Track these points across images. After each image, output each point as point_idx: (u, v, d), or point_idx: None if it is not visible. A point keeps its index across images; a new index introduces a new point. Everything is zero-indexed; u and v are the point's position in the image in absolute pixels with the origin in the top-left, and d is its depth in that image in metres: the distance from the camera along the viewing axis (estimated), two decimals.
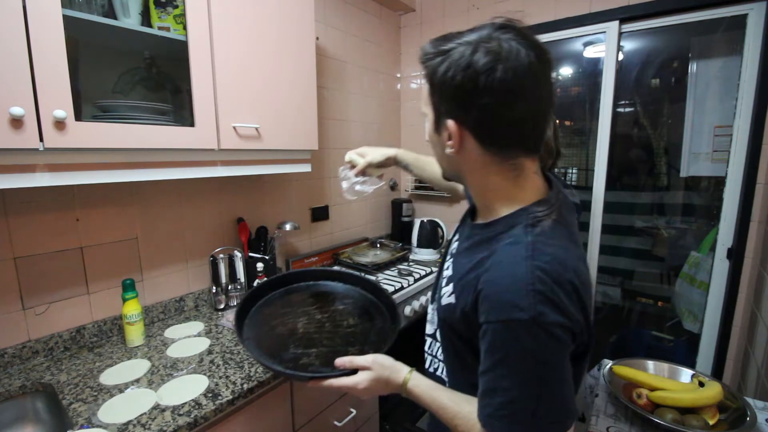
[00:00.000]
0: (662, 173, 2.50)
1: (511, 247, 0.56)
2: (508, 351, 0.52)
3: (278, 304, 0.89)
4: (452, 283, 0.65)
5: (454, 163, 0.63)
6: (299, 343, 0.77)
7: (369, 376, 0.67)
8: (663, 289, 2.49)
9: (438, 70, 0.56)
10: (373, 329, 0.84)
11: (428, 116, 0.62)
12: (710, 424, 0.93)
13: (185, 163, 1.14)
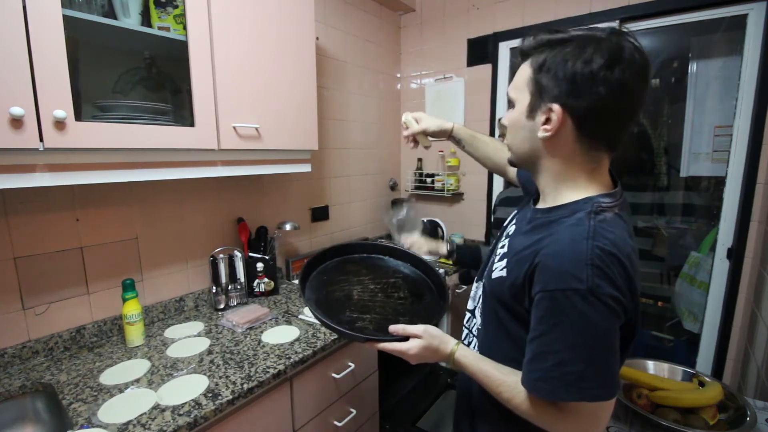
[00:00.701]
0: (662, 173, 2.50)
1: (573, 227, 0.60)
2: (562, 317, 0.56)
3: (335, 271, 0.94)
4: (506, 259, 0.69)
5: (536, 149, 0.66)
6: (355, 308, 0.83)
7: (420, 344, 0.72)
8: (663, 289, 2.49)
9: (556, 57, 0.60)
10: (422, 303, 0.89)
11: (519, 101, 0.66)
12: (710, 424, 0.93)
13: (185, 163, 1.14)
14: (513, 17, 2.06)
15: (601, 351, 0.56)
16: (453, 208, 2.43)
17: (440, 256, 1.10)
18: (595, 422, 0.60)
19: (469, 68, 2.24)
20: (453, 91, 2.30)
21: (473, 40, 2.20)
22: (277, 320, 1.40)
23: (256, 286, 1.60)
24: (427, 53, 2.40)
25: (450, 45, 2.29)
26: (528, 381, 0.60)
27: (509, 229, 0.78)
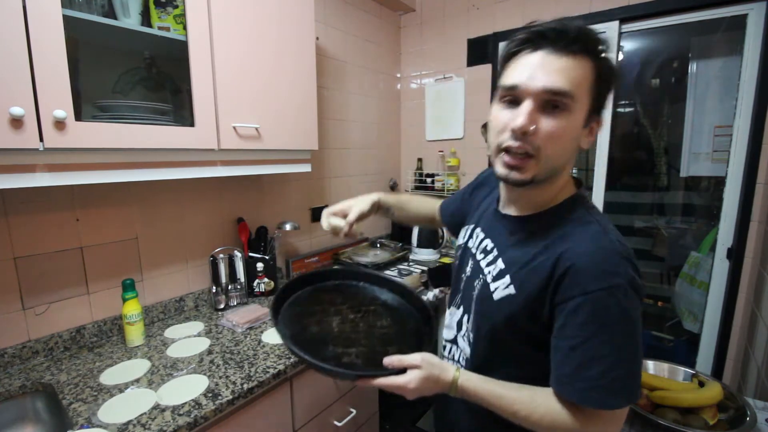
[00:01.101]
0: (662, 173, 2.50)
1: (586, 226, 0.61)
2: (606, 318, 0.55)
3: (309, 301, 0.87)
4: (508, 275, 0.65)
5: (571, 159, 0.64)
6: (337, 342, 0.76)
7: (419, 375, 0.63)
8: (663, 289, 2.49)
9: (611, 61, 0.58)
10: (407, 330, 0.83)
11: (577, 104, 0.57)
12: (710, 424, 0.93)
13: (185, 163, 1.14)
14: (513, 17, 2.06)
15: (639, 348, 0.57)
16: None
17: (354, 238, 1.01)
18: (619, 424, 0.60)
19: (469, 68, 2.24)
20: (453, 91, 2.31)
21: (473, 40, 2.20)
22: None
23: (256, 286, 1.60)
24: (427, 53, 2.40)
25: (450, 45, 2.29)
26: (577, 392, 0.57)
27: (476, 247, 0.76)
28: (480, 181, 0.92)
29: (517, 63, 0.59)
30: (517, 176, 0.61)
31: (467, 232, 0.82)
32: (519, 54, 0.60)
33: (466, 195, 0.93)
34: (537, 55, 0.57)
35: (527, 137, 0.57)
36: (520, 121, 0.56)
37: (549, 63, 0.56)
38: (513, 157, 0.60)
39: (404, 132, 2.58)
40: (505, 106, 0.61)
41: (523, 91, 0.57)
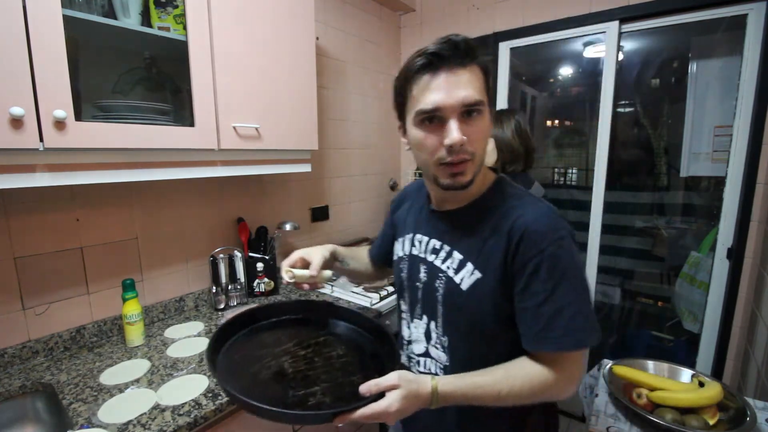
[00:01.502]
0: (662, 173, 2.51)
1: (522, 199, 0.70)
2: (564, 268, 0.63)
3: (249, 346, 0.77)
4: (469, 261, 0.70)
5: (486, 152, 0.71)
6: (296, 384, 0.68)
7: (399, 395, 0.60)
8: (663, 289, 2.49)
9: (488, 62, 0.67)
10: (366, 355, 0.78)
11: (485, 107, 0.66)
12: (710, 424, 0.93)
13: (185, 163, 1.14)
14: (513, 17, 2.06)
15: (588, 287, 0.66)
16: None
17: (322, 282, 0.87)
18: (583, 363, 0.67)
19: None
20: None
21: (473, 40, 2.20)
22: None
23: (256, 286, 1.60)
24: None
25: None
26: (553, 341, 0.63)
27: (424, 251, 0.78)
28: (397, 202, 0.96)
29: (427, 87, 0.64)
30: (461, 180, 0.67)
31: (406, 243, 0.84)
32: (421, 78, 0.64)
33: (388, 225, 0.97)
34: (441, 76, 0.63)
35: (462, 147, 0.64)
36: (456, 137, 0.62)
37: (456, 80, 0.62)
38: (455, 166, 0.65)
39: None
40: (427, 127, 0.66)
41: (445, 110, 0.63)
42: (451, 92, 0.62)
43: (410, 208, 0.89)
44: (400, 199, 0.95)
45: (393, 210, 0.96)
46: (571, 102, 2.69)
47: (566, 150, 2.76)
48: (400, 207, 0.93)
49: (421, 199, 0.86)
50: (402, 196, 0.96)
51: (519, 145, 1.41)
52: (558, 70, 2.58)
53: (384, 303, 1.62)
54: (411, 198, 0.91)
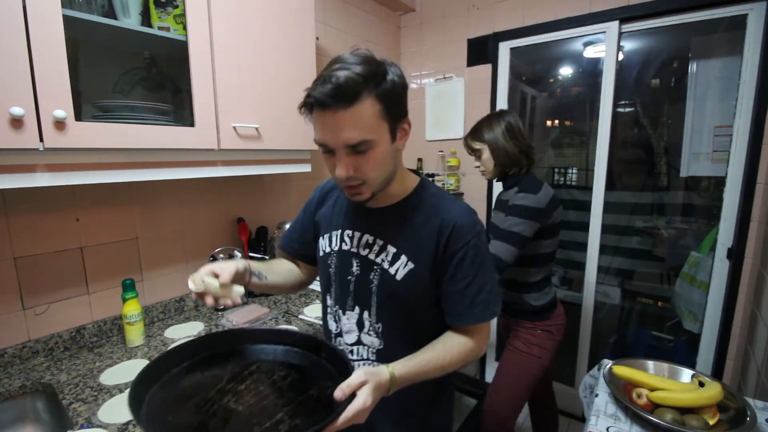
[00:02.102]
0: (662, 173, 2.50)
1: (444, 199, 0.80)
2: (483, 254, 0.77)
3: (173, 400, 0.65)
4: (403, 254, 0.77)
5: (390, 170, 0.74)
6: (257, 419, 0.61)
7: (370, 389, 0.61)
8: (663, 289, 2.49)
9: (389, 76, 0.68)
10: (306, 366, 0.74)
11: (378, 138, 0.68)
12: (710, 424, 0.93)
13: (185, 163, 1.14)
14: (513, 17, 2.06)
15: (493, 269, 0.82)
16: None
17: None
18: (489, 328, 0.83)
19: (469, 68, 2.24)
20: (453, 91, 2.31)
21: (473, 40, 2.20)
22: (277, 320, 1.40)
23: None
24: (427, 53, 2.40)
25: (450, 45, 2.29)
26: (477, 315, 0.76)
27: (357, 245, 0.81)
28: (319, 199, 0.95)
29: (317, 122, 0.68)
30: (359, 198, 0.73)
31: (334, 239, 0.86)
32: (313, 110, 0.68)
33: (308, 222, 0.95)
34: (327, 115, 0.65)
35: (350, 178, 0.69)
36: (339, 173, 0.68)
37: (339, 120, 0.64)
38: (349, 188, 0.72)
39: None
40: (325, 153, 0.71)
41: (332, 145, 0.68)
42: (334, 133, 0.66)
43: (334, 205, 0.89)
44: (322, 197, 0.94)
45: (316, 207, 0.94)
46: (571, 102, 2.69)
47: (566, 150, 2.76)
48: (324, 204, 0.93)
49: (341, 198, 0.88)
50: (323, 193, 0.95)
51: (512, 147, 1.40)
52: (558, 70, 2.58)
53: None
54: (334, 195, 0.91)
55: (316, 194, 0.96)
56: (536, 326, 1.46)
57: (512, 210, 1.34)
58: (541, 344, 1.46)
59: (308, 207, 0.97)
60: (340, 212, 0.87)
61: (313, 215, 0.94)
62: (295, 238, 0.98)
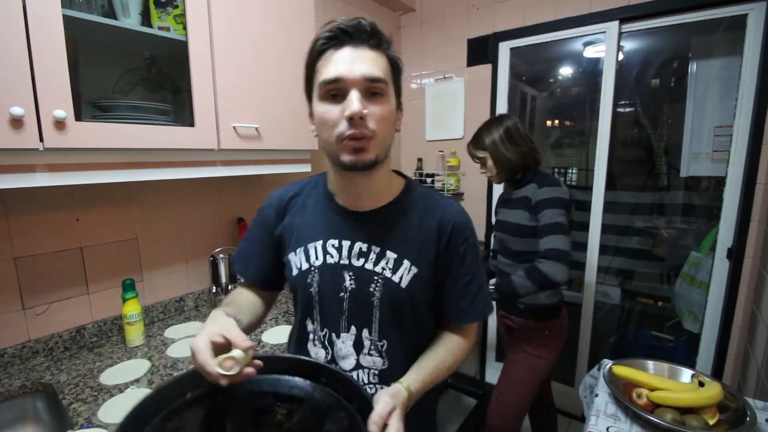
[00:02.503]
0: (662, 173, 2.50)
1: (437, 197, 0.77)
2: (477, 252, 0.76)
3: None
4: (405, 259, 0.71)
5: (391, 139, 0.69)
6: None
7: (399, 413, 0.58)
8: (663, 289, 2.49)
9: (396, 55, 0.68)
10: (313, 396, 0.63)
11: (388, 86, 0.65)
12: (710, 424, 0.93)
13: (185, 163, 1.14)
14: (513, 17, 2.06)
15: None
16: None
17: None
18: (476, 334, 0.82)
19: (469, 68, 2.24)
20: (453, 91, 2.31)
21: (473, 40, 2.20)
22: (277, 320, 1.40)
23: None
24: (427, 53, 2.40)
25: (450, 45, 2.29)
26: (479, 312, 0.76)
27: (348, 256, 0.71)
28: (284, 202, 0.78)
29: (330, 60, 0.63)
30: (364, 157, 0.64)
31: (314, 252, 0.73)
32: (326, 52, 0.63)
33: (267, 231, 0.79)
34: (345, 50, 0.62)
35: (363, 122, 0.62)
36: (356, 107, 0.60)
37: (359, 55, 0.62)
38: (357, 140, 0.62)
39: (404, 132, 2.58)
40: (330, 102, 0.63)
41: (346, 81, 0.61)
42: (352, 65, 0.61)
43: (304, 214, 0.76)
44: (282, 207, 0.78)
45: (276, 220, 0.78)
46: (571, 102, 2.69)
47: (566, 150, 2.76)
48: (286, 214, 0.78)
49: (319, 201, 0.76)
50: (282, 202, 0.79)
51: (513, 153, 1.40)
52: (558, 70, 2.58)
53: None
54: (298, 203, 0.78)
55: (272, 204, 0.80)
56: (545, 326, 1.45)
57: (544, 204, 1.34)
58: (550, 346, 1.46)
59: (265, 220, 0.80)
60: (315, 221, 0.75)
61: (272, 230, 0.79)
62: (254, 261, 0.82)
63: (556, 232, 1.30)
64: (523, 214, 1.41)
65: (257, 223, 0.82)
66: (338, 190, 0.74)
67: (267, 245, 0.80)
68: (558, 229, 1.30)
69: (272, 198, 0.81)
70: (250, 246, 0.83)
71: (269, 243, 0.80)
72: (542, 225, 1.33)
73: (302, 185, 0.81)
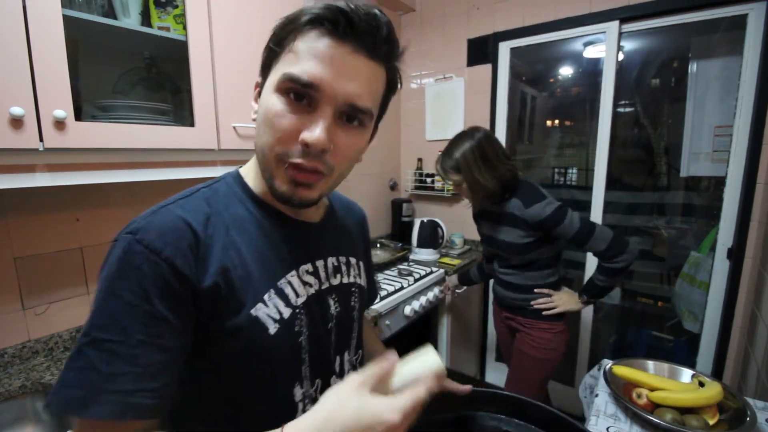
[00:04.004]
0: (662, 173, 2.50)
1: (337, 193, 0.75)
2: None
3: None
4: (359, 260, 0.70)
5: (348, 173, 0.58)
6: None
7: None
8: (663, 289, 2.49)
9: (399, 71, 0.55)
10: None
11: (371, 118, 0.51)
12: (710, 424, 0.93)
13: (185, 163, 1.14)
14: (513, 17, 2.06)
15: None
16: (453, 208, 2.43)
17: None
18: None
19: (469, 68, 2.24)
20: (453, 91, 2.31)
21: (473, 40, 2.20)
22: None
23: None
24: (427, 53, 2.40)
25: (450, 45, 2.29)
26: (377, 294, 0.88)
27: (326, 277, 0.60)
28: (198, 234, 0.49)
29: (311, 49, 0.45)
30: (305, 196, 0.49)
31: (291, 289, 0.53)
32: (310, 32, 0.46)
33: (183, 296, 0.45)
34: (342, 48, 0.45)
35: (322, 155, 0.47)
36: (320, 137, 0.45)
37: (356, 65, 0.46)
38: (302, 173, 0.47)
39: (404, 132, 2.58)
40: (290, 103, 0.46)
41: (324, 94, 0.45)
42: (339, 76, 0.45)
43: (246, 239, 0.51)
44: (193, 243, 0.48)
45: (191, 267, 0.46)
46: (571, 102, 2.69)
47: (566, 150, 2.76)
48: (210, 252, 0.48)
49: (254, 215, 0.54)
50: (191, 235, 0.49)
51: (490, 178, 1.32)
52: (558, 70, 2.58)
53: (383, 303, 1.62)
54: (220, 227, 0.51)
55: (169, 243, 0.46)
56: (554, 326, 1.44)
57: (550, 224, 1.29)
58: (558, 347, 1.45)
59: (164, 279, 0.44)
60: (267, 245, 0.53)
61: (190, 287, 0.45)
62: (163, 380, 0.43)
63: (589, 232, 1.27)
64: (516, 233, 1.35)
65: (139, 294, 0.42)
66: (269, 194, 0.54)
67: (177, 327, 0.44)
68: (586, 228, 1.27)
69: (163, 235, 0.46)
70: (133, 351, 0.41)
71: (183, 318, 0.45)
72: (570, 239, 1.30)
73: (206, 198, 0.54)
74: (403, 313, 1.72)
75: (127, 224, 0.49)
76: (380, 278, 1.83)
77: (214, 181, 0.58)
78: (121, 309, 0.42)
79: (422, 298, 1.80)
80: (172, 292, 0.44)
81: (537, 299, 1.43)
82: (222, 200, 0.54)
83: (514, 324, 1.55)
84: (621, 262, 1.26)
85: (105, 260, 0.46)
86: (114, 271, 0.44)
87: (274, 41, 0.51)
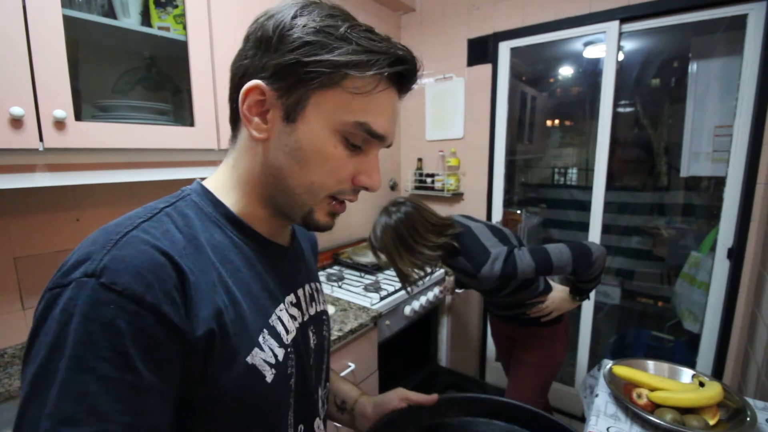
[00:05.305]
0: (662, 173, 2.51)
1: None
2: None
3: None
4: (320, 283, 0.64)
5: None
6: None
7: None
8: (663, 289, 2.50)
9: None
10: None
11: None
12: (710, 425, 0.93)
13: (185, 163, 1.14)
14: (513, 17, 2.06)
15: None
16: (453, 208, 2.43)
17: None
18: None
19: (469, 68, 2.24)
20: (453, 91, 2.31)
21: (473, 40, 2.20)
22: None
23: None
24: (427, 53, 2.40)
25: (450, 45, 2.29)
26: None
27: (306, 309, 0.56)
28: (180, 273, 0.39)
29: (384, 104, 0.44)
30: (333, 224, 0.51)
31: (281, 326, 0.48)
32: (378, 85, 0.44)
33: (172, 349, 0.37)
34: (394, 98, 0.47)
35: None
36: (379, 183, 0.48)
37: (397, 111, 0.48)
38: (342, 205, 0.49)
39: (404, 132, 2.58)
40: (351, 150, 0.45)
41: (383, 144, 0.47)
42: (394, 125, 0.47)
43: (232, 273, 0.44)
44: (178, 283, 0.38)
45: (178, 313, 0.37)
46: (571, 102, 2.70)
47: (566, 150, 2.77)
48: (196, 294, 0.39)
49: (232, 240, 0.46)
50: (172, 274, 0.38)
51: (415, 261, 1.25)
52: (558, 70, 2.58)
53: (383, 303, 1.62)
54: (207, 272, 0.41)
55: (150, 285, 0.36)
56: (557, 330, 1.44)
57: (505, 275, 1.20)
58: (560, 351, 1.45)
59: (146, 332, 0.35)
60: (257, 284, 0.47)
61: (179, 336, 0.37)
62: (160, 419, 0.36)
63: (547, 264, 1.18)
64: (485, 281, 1.23)
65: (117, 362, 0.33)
66: (259, 216, 0.49)
67: (167, 394, 0.37)
68: (542, 262, 1.18)
69: (141, 275, 0.36)
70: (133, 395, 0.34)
71: (172, 380, 0.37)
72: (534, 277, 1.25)
73: (173, 220, 0.43)
74: (403, 313, 1.72)
75: (69, 260, 0.38)
76: (380, 278, 1.83)
77: (175, 197, 0.46)
78: (95, 388, 0.31)
79: (422, 298, 1.80)
80: (160, 349, 0.35)
81: (532, 309, 1.42)
82: (194, 223, 0.43)
83: (513, 334, 1.55)
84: (593, 273, 1.23)
85: (43, 317, 0.35)
86: (76, 335, 0.33)
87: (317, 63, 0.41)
